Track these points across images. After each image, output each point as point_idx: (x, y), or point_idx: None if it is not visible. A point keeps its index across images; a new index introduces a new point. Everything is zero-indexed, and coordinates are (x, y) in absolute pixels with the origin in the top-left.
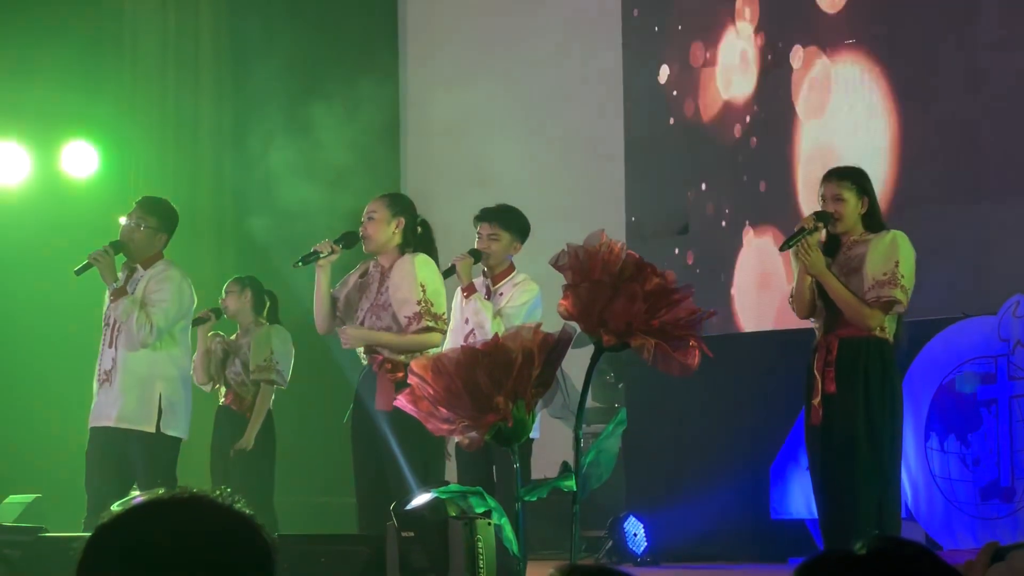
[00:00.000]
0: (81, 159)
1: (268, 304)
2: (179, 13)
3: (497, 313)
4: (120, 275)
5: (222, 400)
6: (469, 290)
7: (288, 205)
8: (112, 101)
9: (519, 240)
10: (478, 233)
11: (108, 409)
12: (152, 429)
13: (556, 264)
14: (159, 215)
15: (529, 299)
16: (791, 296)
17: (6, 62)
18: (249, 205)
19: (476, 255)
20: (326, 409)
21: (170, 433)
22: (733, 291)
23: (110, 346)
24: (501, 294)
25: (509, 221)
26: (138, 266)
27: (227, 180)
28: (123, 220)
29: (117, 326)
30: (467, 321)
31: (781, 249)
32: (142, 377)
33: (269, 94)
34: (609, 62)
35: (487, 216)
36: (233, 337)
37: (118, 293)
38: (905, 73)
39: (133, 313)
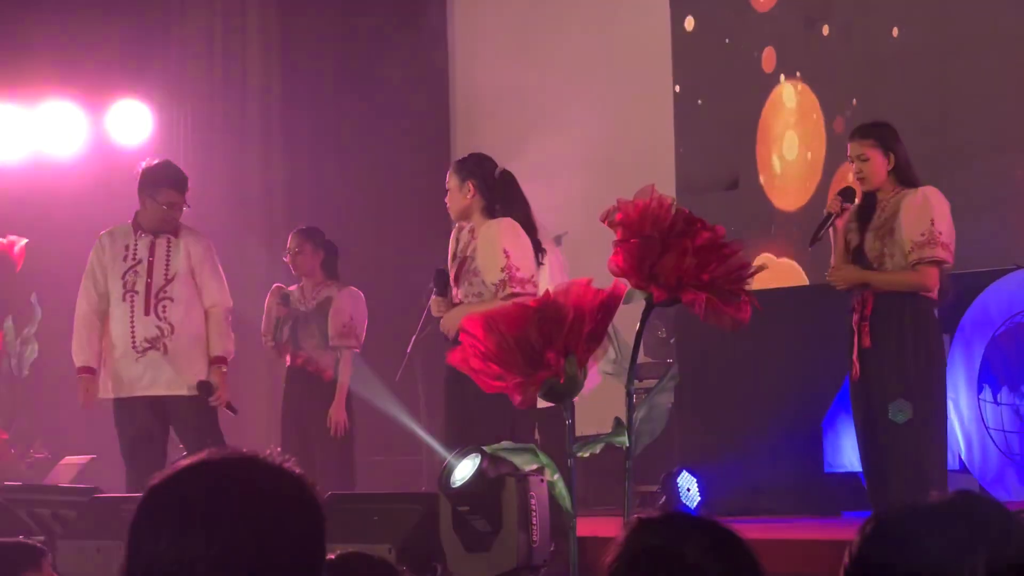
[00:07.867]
0: (133, 124)
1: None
2: None
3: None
4: None
5: (290, 361)
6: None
7: (334, 180)
8: (163, 67)
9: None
10: None
11: None
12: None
13: (606, 220)
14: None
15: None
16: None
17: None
18: (297, 181)
19: None
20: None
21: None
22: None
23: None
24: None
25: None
26: None
27: (275, 155)
28: None
29: None
30: None
31: (811, 244)
32: None
33: (316, 69)
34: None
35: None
36: (293, 288)
37: None
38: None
39: None
